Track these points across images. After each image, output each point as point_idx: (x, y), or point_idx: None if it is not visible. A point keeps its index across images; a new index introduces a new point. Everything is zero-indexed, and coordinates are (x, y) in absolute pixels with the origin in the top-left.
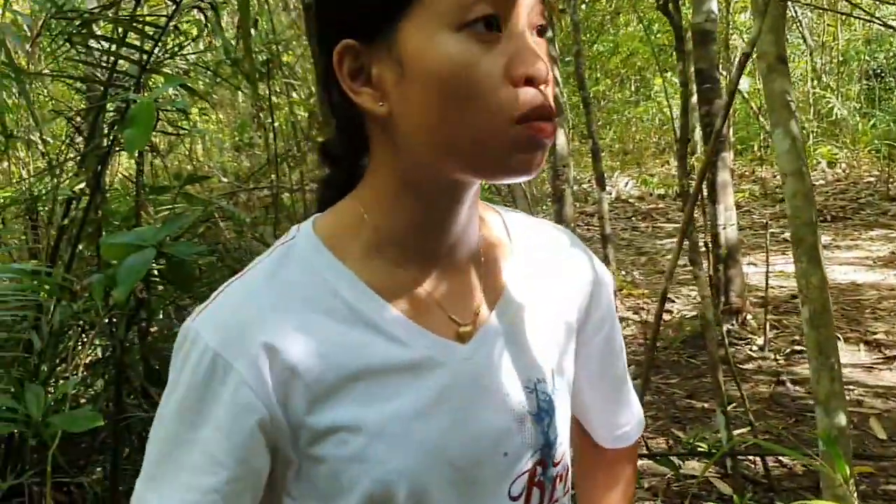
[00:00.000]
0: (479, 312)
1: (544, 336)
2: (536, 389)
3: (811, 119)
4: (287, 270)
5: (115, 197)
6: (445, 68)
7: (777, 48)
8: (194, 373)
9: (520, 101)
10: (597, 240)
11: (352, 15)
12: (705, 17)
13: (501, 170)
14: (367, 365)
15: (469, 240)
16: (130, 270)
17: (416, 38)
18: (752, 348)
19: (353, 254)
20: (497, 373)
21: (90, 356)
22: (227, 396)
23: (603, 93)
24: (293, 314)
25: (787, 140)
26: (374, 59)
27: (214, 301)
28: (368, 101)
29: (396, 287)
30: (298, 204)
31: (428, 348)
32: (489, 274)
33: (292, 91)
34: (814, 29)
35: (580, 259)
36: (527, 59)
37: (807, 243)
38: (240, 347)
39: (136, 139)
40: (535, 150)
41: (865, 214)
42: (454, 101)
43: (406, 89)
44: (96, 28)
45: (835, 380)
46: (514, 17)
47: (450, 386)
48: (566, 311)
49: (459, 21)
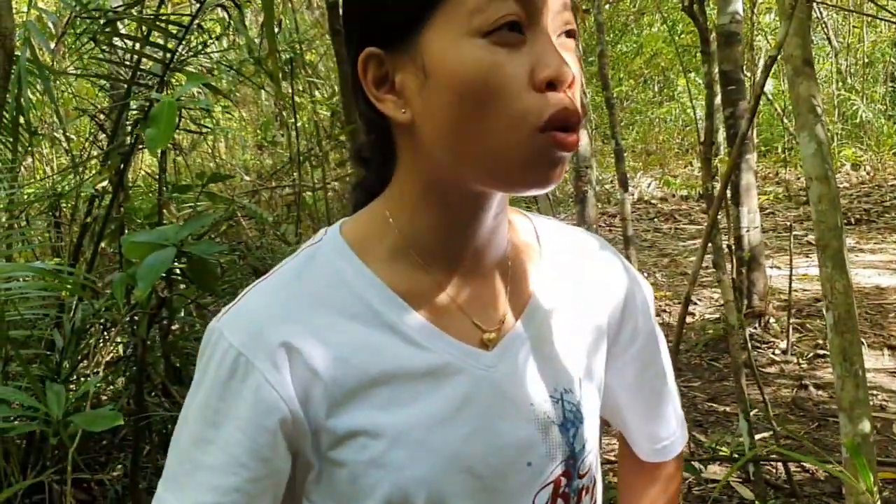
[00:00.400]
0: (505, 319)
1: (572, 343)
2: (563, 399)
3: (835, 121)
4: (311, 272)
5: (137, 194)
6: (467, 74)
7: (803, 51)
8: (217, 372)
9: (542, 108)
10: (619, 241)
11: (375, 23)
12: (730, 18)
13: (520, 181)
14: (387, 369)
15: (497, 245)
16: (151, 269)
17: (439, 45)
18: (774, 352)
19: (377, 257)
20: (522, 381)
21: (111, 354)
22: (249, 395)
23: (626, 93)
24: (315, 315)
25: (813, 144)
26: (398, 67)
27: (239, 302)
28: (392, 108)
29: (420, 291)
30: (320, 203)
31: (450, 354)
32: (517, 279)
33: (315, 90)
34: (839, 30)
35: (612, 265)
36: (550, 62)
37: (832, 248)
38: (261, 347)
39: (158, 139)
40: (556, 164)
41: (890, 217)
42: (476, 107)
43: (428, 96)
44: (121, 26)
45: (859, 386)
46: (540, 20)
47: (471, 393)
48: (596, 317)
49: (482, 27)
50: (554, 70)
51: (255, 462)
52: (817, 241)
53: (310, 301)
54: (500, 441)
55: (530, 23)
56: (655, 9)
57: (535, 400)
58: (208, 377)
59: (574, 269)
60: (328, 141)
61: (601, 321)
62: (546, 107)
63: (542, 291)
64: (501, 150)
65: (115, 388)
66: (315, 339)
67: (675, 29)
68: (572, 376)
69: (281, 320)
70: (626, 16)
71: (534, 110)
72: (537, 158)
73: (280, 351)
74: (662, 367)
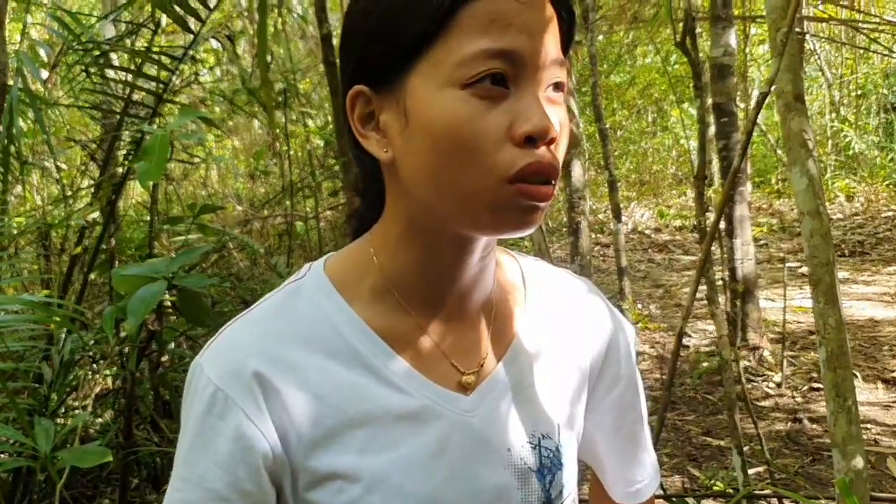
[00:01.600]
0: (486, 362)
1: (554, 388)
2: (541, 445)
3: (829, 153)
4: (292, 308)
5: (128, 223)
6: (444, 124)
7: (795, 87)
8: (196, 409)
9: (515, 160)
10: (613, 271)
11: (366, 62)
12: (723, 50)
13: (491, 227)
14: (366, 411)
15: (481, 288)
16: (141, 302)
17: (422, 91)
18: (769, 385)
19: (360, 296)
20: (500, 426)
21: (100, 386)
22: (230, 431)
23: (620, 123)
24: (294, 352)
25: (805, 179)
26: (384, 107)
27: (219, 336)
28: (375, 145)
29: (401, 333)
30: (313, 232)
31: (428, 398)
32: (500, 322)
33: (308, 119)
34: (832, 62)
35: (597, 311)
36: (531, 117)
37: (824, 283)
38: (239, 381)
39: (150, 172)
40: (527, 212)
41: (884, 249)
42: (450, 157)
43: (408, 139)
44: (114, 57)
45: (852, 422)
46: (524, 72)
47: (449, 438)
48: (579, 363)
49: (465, 77)
50: (533, 125)
51: (237, 495)
52: (810, 275)
53: (289, 337)
54: (477, 487)
55: (516, 77)
56: (649, 40)
57: (512, 445)
58: (190, 415)
59: (558, 314)
60: (321, 170)
61: (583, 366)
62: (519, 160)
63: (524, 335)
64: (471, 196)
65: (103, 421)
66: (293, 376)
67: (669, 60)
68: (552, 422)
69: (258, 355)
70: (620, 47)
71: (505, 163)
72: (506, 206)
73: (257, 386)
74: (640, 411)
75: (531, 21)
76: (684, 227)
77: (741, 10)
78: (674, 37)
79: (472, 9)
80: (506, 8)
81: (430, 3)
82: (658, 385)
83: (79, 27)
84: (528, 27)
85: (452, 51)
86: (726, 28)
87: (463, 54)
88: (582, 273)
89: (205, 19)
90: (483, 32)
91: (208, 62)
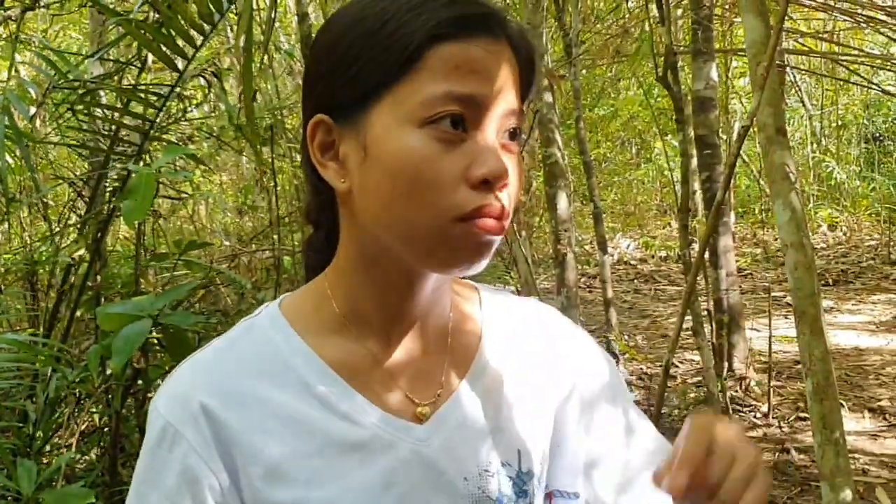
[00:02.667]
0: (442, 392)
1: (515, 415)
2: (499, 473)
3: (811, 183)
4: (243, 344)
5: (115, 260)
6: (401, 161)
7: (776, 120)
8: (148, 442)
9: (468, 201)
10: (599, 303)
11: (328, 93)
12: (705, 83)
13: (442, 262)
14: (314, 443)
15: (437, 317)
16: (127, 341)
17: (382, 127)
18: (756, 415)
19: (312, 330)
20: (455, 456)
21: (86, 424)
22: (177, 464)
23: (604, 155)
24: (243, 385)
25: (788, 211)
26: (344, 138)
27: (174, 373)
28: (333, 175)
29: (354, 364)
30: (300, 266)
31: (380, 428)
32: (456, 352)
33: (295, 154)
34: (812, 94)
35: (563, 341)
36: (487, 160)
37: (809, 315)
38: (187, 415)
39: (136, 211)
40: (477, 248)
41: (867, 278)
42: (405, 193)
43: (366, 172)
44: (101, 95)
45: (840, 454)
46: (483, 118)
47: (399, 469)
48: (541, 394)
49: (424, 117)
50: (489, 169)
51: None
52: (794, 308)
53: (239, 371)
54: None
55: (474, 121)
56: (631, 74)
57: (469, 474)
58: (143, 447)
59: (518, 343)
60: None
61: (547, 400)
62: (472, 201)
63: (482, 363)
64: (423, 233)
65: (89, 459)
66: (241, 409)
67: (651, 93)
68: (513, 449)
69: (206, 388)
70: (603, 81)
71: (459, 203)
72: (457, 244)
73: (204, 419)
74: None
75: (494, 70)
76: (669, 257)
77: (722, 44)
78: (655, 71)
79: (439, 52)
80: (472, 55)
81: (398, 44)
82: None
83: (66, 65)
84: (490, 75)
85: (416, 91)
86: (707, 62)
87: (425, 95)
88: (568, 304)
89: (191, 57)
90: (447, 76)
91: (196, 99)
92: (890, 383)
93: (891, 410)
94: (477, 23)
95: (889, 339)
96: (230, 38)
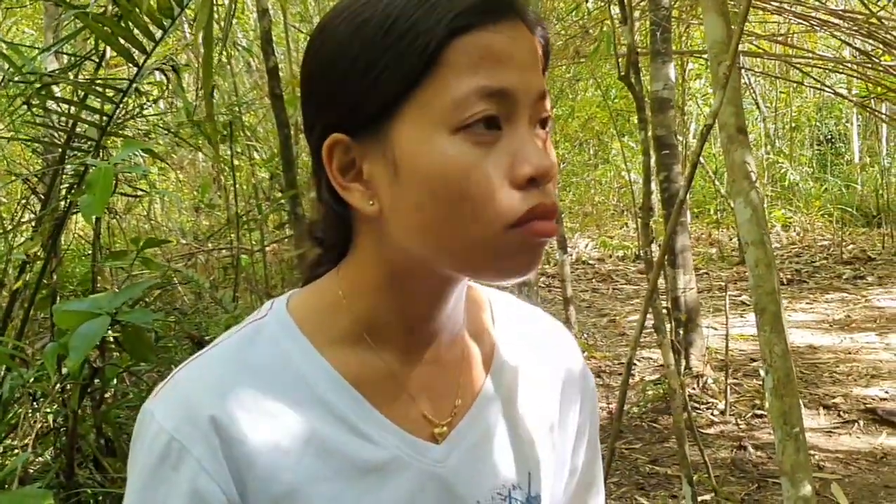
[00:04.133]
0: (457, 411)
1: (526, 434)
2: (510, 496)
3: (766, 183)
4: (254, 352)
5: (70, 258)
6: (441, 174)
7: (737, 119)
8: (147, 459)
9: (518, 206)
10: (558, 302)
11: (342, 109)
12: (663, 84)
13: (496, 273)
14: (331, 465)
15: (453, 328)
16: (84, 339)
17: (411, 139)
18: (713, 412)
19: (327, 339)
20: (468, 477)
21: (41, 424)
22: (184, 485)
23: (563, 156)
24: (255, 399)
25: (749, 210)
26: (367, 156)
27: (173, 379)
28: (359, 198)
29: (371, 379)
30: (258, 265)
31: (398, 448)
32: (469, 367)
33: (254, 152)
34: (767, 96)
35: (571, 357)
36: (530, 157)
37: (770, 312)
38: (196, 430)
39: (93, 206)
40: (532, 253)
41: (820, 277)
42: (450, 208)
43: (399, 191)
44: (56, 89)
45: (800, 450)
46: (517, 110)
47: (417, 491)
48: (550, 409)
49: (457, 122)
50: (535, 167)
51: None
52: (755, 305)
53: (250, 382)
54: None
55: (507, 115)
56: (590, 75)
57: (482, 497)
58: (139, 464)
59: (529, 355)
60: (267, 203)
61: (554, 416)
62: (522, 204)
63: (495, 379)
64: (474, 247)
65: (44, 460)
66: (254, 425)
67: (609, 94)
68: (524, 470)
69: (215, 400)
70: (562, 82)
71: (510, 208)
72: (511, 252)
73: (214, 434)
74: (596, 461)
75: (518, 56)
76: (626, 256)
77: (679, 45)
78: (617, 71)
79: (461, 45)
80: (497, 44)
81: (415, 44)
82: (605, 415)
83: (21, 59)
84: (517, 63)
85: (442, 92)
86: (666, 62)
87: (454, 95)
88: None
89: (150, 52)
90: (474, 70)
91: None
92: (843, 380)
93: (844, 407)
94: (494, 6)
95: (842, 338)
96: (188, 34)
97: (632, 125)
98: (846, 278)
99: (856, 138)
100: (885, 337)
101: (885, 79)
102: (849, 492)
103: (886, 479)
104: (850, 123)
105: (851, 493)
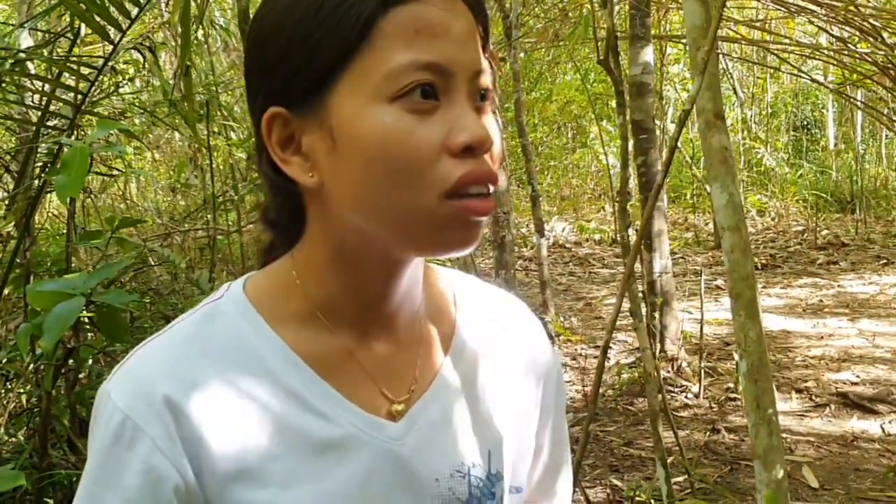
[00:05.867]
0: (415, 388)
1: (487, 413)
2: (470, 474)
3: (741, 169)
4: (210, 332)
5: (44, 237)
6: (377, 142)
7: (715, 105)
8: (102, 439)
9: (453, 172)
10: (535, 285)
11: (278, 82)
12: (642, 68)
13: (433, 246)
14: (286, 442)
15: (409, 306)
16: (58, 319)
17: (347, 109)
18: (687, 396)
19: (283, 320)
20: (428, 455)
21: (14, 405)
22: (138, 464)
23: (541, 139)
24: (209, 377)
25: (725, 195)
26: (305, 129)
27: (129, 360)
28: (298, 171)
29: (327, 357)
30: (235, 246)
31: (353, 425)
32: (428, 346)
33: (231, 132)
34: (744, 82)
35: (535, 339)
36: (467, 126)
37: (745, 297)
38: (150, 410)
39: (69, 186)
40: (468, 229)
41: (794, 262)
42: (385, 177)
43: (337, 161)
44: (31, 67)
45: (773, 434)
46: (454, 83)
47: (374, 469)
48: (513, 390)
49: (393, 91)
50: (471, 135)
51: None
52: (730, 290)
53: (204, 361)
54: None
55: (445, 87)
56: (569, 58)
57: (440, 475)
58: (96, 444)
59: (492, 337)
60: (244, 183)
61: (519, 390)
62: (456, 170)
63: (455, 357)
64: (411, 216)
65: (17, 441)
66: (208, 403)
67: (588, 78)
68: (485, 448)
69: (170, 379)
70: (541, 65)
71: (443, 175)
72: (447, 224)
73: (168, 412)
74: (564, 443)
75: (455, 29)
76: (603, 240)
77: (658, 30)
78: (597, 54)
79: (394, 17)
80: (430, 17)
81: (348, 16)
82: (581, 398)
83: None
84: (452, 36)
85: (377, 63)
86: (645, 46)
87: (389, 66)
88: (506, 286)
89: (126, 29)
90: (408, 43)
91: (128, 73)
92: (816, 365)
93: (816, 391)
94: None
95: (815, 323)
96: (165, 12)
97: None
98: (820, 263)
99: (831, 125)
100: (857, 322)
101: (860, 66)
102: (819, 474)
103: (856, 462)
104: (825, 110)
105: (822, 476)
